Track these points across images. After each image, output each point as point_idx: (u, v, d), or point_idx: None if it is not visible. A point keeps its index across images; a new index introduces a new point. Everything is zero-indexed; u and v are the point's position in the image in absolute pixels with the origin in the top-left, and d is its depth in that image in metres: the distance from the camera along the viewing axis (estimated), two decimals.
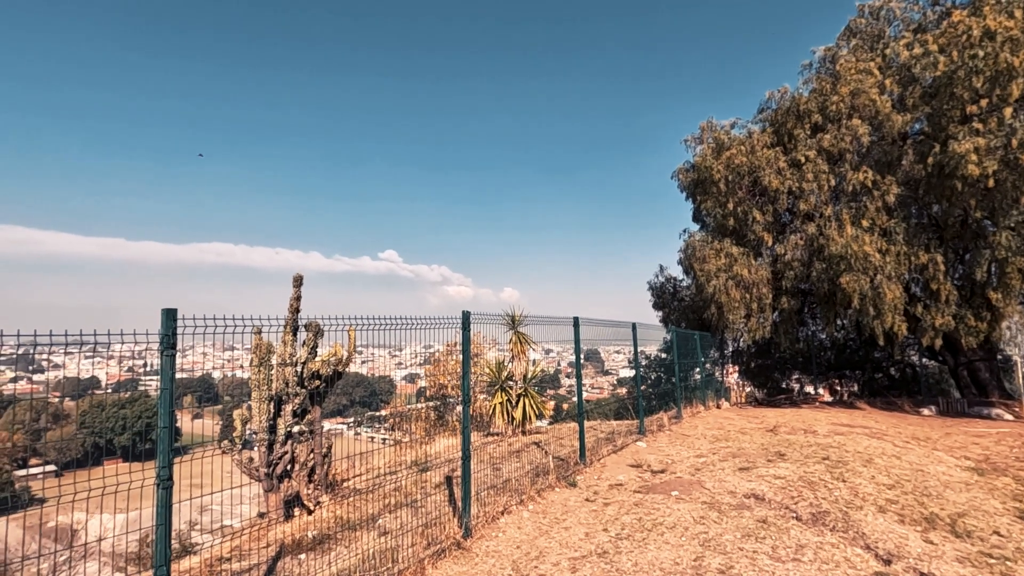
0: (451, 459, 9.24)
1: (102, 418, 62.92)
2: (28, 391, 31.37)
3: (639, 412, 10.55)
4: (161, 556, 3.16)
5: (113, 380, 72.78)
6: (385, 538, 6.01)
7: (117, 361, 15.96)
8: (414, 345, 7.25)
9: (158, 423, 3.25)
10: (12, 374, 37.51)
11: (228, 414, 29.68)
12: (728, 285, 15.43)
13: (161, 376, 3.28)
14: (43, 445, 60.63)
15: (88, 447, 60.51)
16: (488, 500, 6.51)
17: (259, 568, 5.65)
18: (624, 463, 8.51)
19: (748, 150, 15.77)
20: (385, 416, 36.61)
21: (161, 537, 3.17)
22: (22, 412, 62.29)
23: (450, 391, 15.98)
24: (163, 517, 3.18)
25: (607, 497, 6.79)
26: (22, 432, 57.87)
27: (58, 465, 59.61)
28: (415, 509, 6.85)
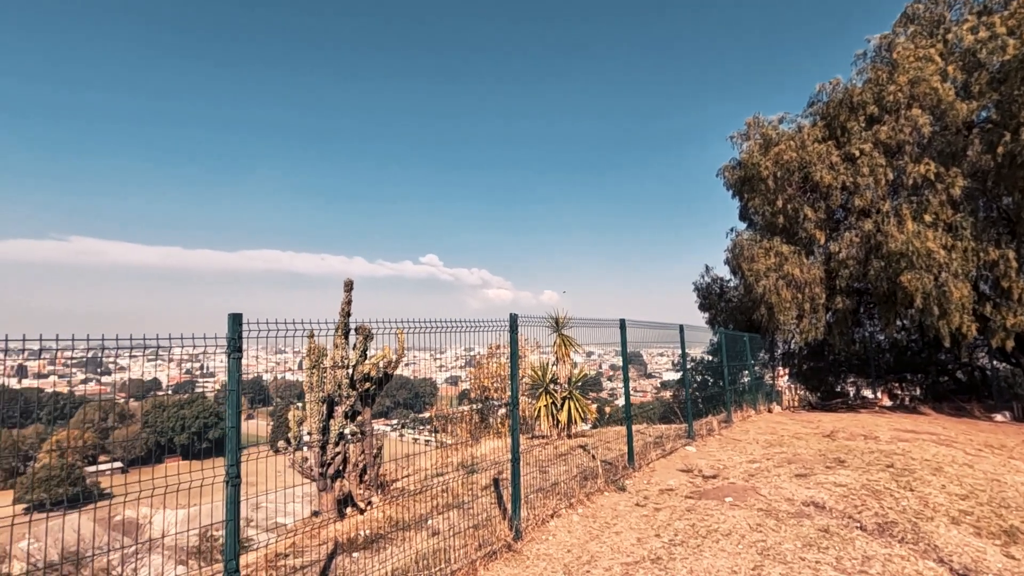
0: (497, 461, 9.27)
1: (163, 418, 66.25)
2: (97, 392, 33.28)
3: (687, 416, 10.32)
4: (231, 550, 3.30)
5: (173, 382, 76.76)
6: (436, 539, 6.08)
7: (176, 364, 16.92)
8: (456, 348, 7.33)
9: (226, 423, 3.40)
10: (83, 376, 40.11)
11: (279, 415, 30.68)
12: (778, 285, 14.91)
13: (228, 378, 3.43)
14: (111, 443, 64.32)
15: (151, 445, 63.82)
16: (537, 503, 6.49)
17: (316, 564, 5.82)
18: (673, 468, 8.34)
19: (798, 145, 15.22)
20: (428, 418, 37.14)
21: (231, 532, 3.30)
22: (92, 412, 66.33)
23: (493, 394, 16.05)
24: (232, 513, 3.31)
25: (658, 502, 6.67)
26: (92, 431, 61.63)
27: (124, 462, 63.08)
28: (464, 510, 6.91)
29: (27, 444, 58.40)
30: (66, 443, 59.09)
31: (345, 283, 7.30)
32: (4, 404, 18.45)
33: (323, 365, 7.12)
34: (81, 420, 63.16)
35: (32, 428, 60.62)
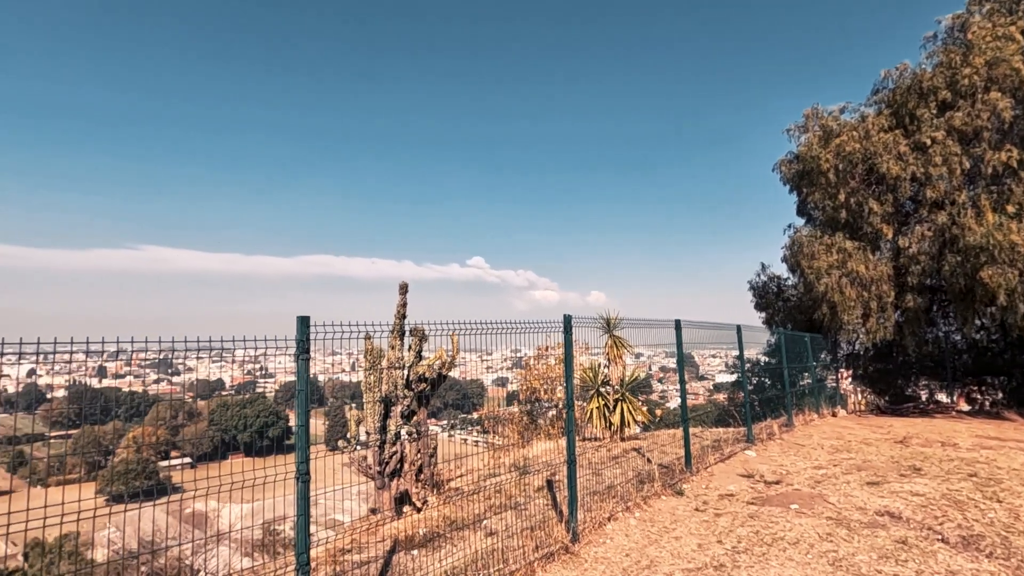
0: (549, 463, 9.24)
1: (227, 416, 69.73)
2: (168, 391, 35.60)
3: (747, 419, 9.98)
4: (302, 544, 3.42)
5: (236, 382, 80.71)
6: (492, 539, 6.12)
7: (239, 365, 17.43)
8: (503, 349, 7.36)
9: (296, 422, 3.53)
10: (155, 376, 42.25)
11: (334, 415, 32.35)
12: (842, 283, 14.20)
13: (297, 379, 3.56)
14: (181, 440, 68.31)
15: (216, 442, 67.31)
16: (593, 506, 6.43)
17: (377, 561, 5.97)
18: (733, 472, 8.08)
19: (862, 135, 14.46)
20: (477, 419, 37.46)
21: (302, 527, 3.43)
22: (164, 410, 70.67)
23: (542, 395, 16.01)
24: (303, 508, 3.44)
25: (718, 507, 6.47)
26: (164, 428, 65.62)
27: (193, 458, 66.93)
28: (519, 511, 6.92)
29: (107, 440, 62.77)
30: (141, 439, 63.15)
31: (400, 286, 7.47)
32: (87, 403, 20.00)
33: (380, 366, 7.31)
34: (154, 418, 67.40)
35: (111, 425, 65.08)
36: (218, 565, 17.12)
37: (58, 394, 74.67)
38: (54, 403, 69.23)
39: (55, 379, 68.97)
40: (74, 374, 16.99)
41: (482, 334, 5.66)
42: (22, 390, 54.98)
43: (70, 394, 59.08)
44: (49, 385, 77.57)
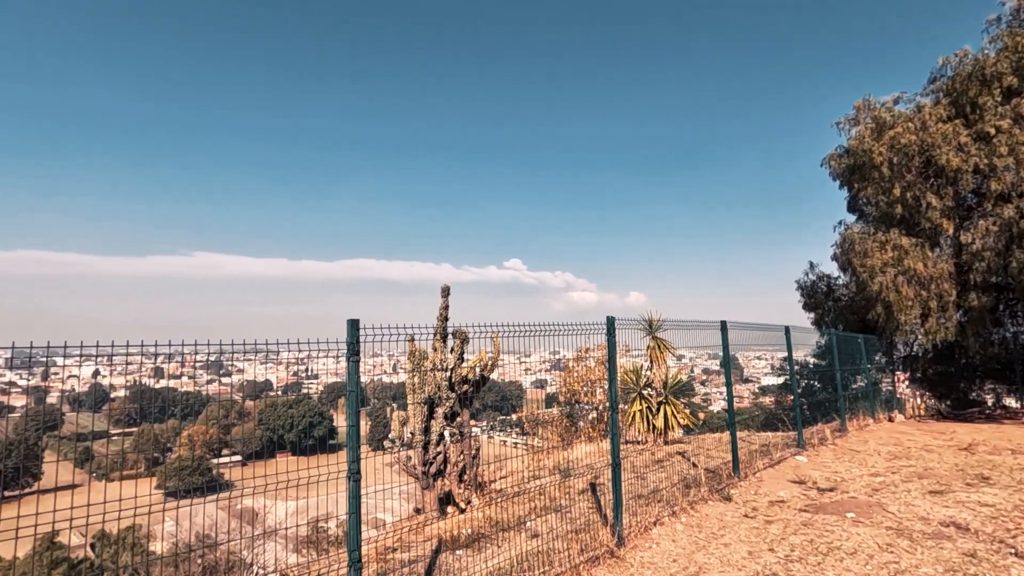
0: (591, 465, 9.17)
1: (275, 416, 72.16)
2: (220, 392, 37.43)
3: (797, 423, 9.64)
4: (354, 541, 3.51)
5: (283, 383, 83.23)
6: (536, 541, 6.12)
7: (285, 367, 18.18)
8: (541, 351, 7.36)
9: (346, 422, 3.62)
10: (208, 377, 43.67)
11: (376, 415, 32.68)
12: (898, 281, 13.56)
13: (348, 380, 3.66)
14: (232, 439, 71.10)
15: (265, 441, 69.72)
16: (637, 510, 6.34)
17: (423, 560, 6.06)
18: (783, 478, 7.82)
19: (917, 127, 13.78)
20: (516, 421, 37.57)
21: (353, 524, 3.52)
22: (216, 410, 73.81)
23: (582, 397, 15.91)
24: (354, 506, 3.52)
25: (768, 514, 6.28)
26: (216, 426, 68.46)
27: (243, 455, 69.58)
28: (562, 514, 6.90)
29: (165, 437, 65.95)
30: (195, 437, 66.07)
31: (442, 289, 7.56)
32: (146, 402, 21.27)
33: (424, 368, 7.41)
34: (207, 417, 70.39)
35: (168, 423, 68.38)
36: (267, 560, 17.73)
37: (120, 394, 78.94)
38: (116, 402, 73.23)
39: (117, 380, 72.76)
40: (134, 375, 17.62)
41: (523, 336, 5.67)
42: (88, 390, 58.91)
43: (131, 394, 62.54)
44: (112, 385, 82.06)
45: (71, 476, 58.26)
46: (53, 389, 79.08)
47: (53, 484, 53.49)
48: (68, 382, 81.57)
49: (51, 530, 15.63)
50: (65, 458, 64.75)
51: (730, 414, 7.81)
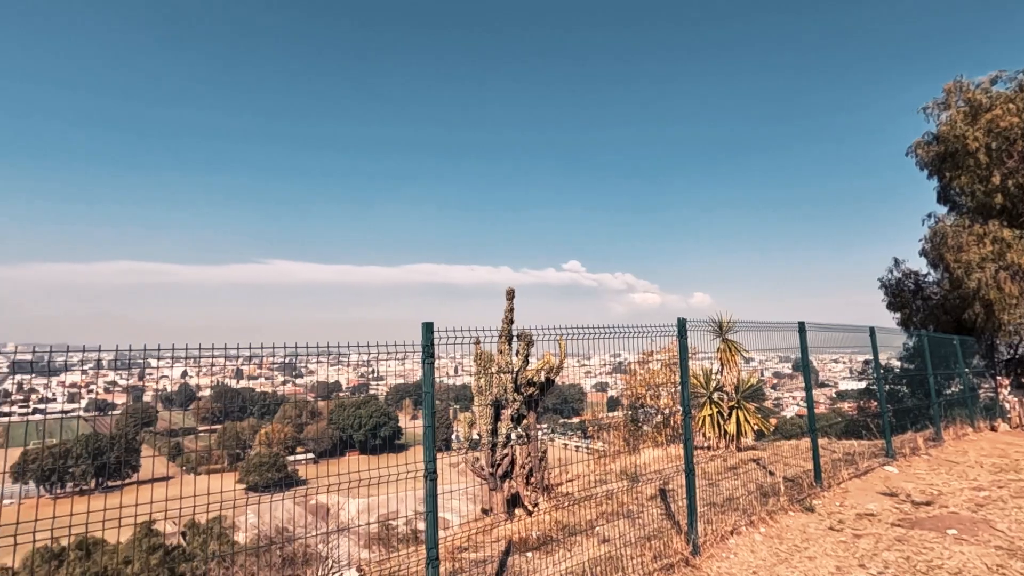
0: (660, 471, 8.95)
1: (344, 416, 75.16)
2: (293, 392, 39.35)
3: (885, 431, 9.01)
4: (431, 539, 3.59)
5: (351, 384, 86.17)
6: (606, 546, 6.03)
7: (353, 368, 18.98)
8: (603, 354, 7.25)
9: (423, 423, 3.71)
10: (282, 378, 47.84)
11: (439, 416, 32.76)
12: (999, 277, 12.41)
13: (423, 381, 3.75)
14: (305, 436, 74.71)
15: (335, 440, 72.75)
16: (712, 518, 6.12)
17: (493, 560, 6.11)
18: (872, 490, 7.32)
19: (1020, 108, 12.57)
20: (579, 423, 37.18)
21: (431, 523, 3.60)
22: (290, 409, 77.82)
23: (648, 401, 15.57)
24: (431, 505, 3.60)
25: (857, 528, 5.89)
26: (291, 425, 72.18)
27: (315, 453, 72.95)
28: (632, 520, 6.77)
29: (245, 435, 70.19)
30: (272, 435, 69.91)
31: (507, 292, 7.62)
32: (228, 401, 22.80)
33: (490, 370, 7.49)
34: (282, 416, 74.29)
35: (248, 421, 72.73)
36: (340, 554, 18.47)
37: (205, 393, 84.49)
38: (202, 401, 78.73)
39: (203, 380, 78.02)
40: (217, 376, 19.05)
41: (586, 338, 5.62)
42: (178, 389, 63.62)
43: (215, 393, 67.05)
44: (198, 385, 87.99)
45: (165, 469, 63.11)
46: (148, 388, 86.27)
47: (149, 476, 58.15)
48: (160, 382, 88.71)
49: (149, 519, 16.85)
50: (159, 452, 70.21)
51: (810, 419, 7.40)
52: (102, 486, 56.96)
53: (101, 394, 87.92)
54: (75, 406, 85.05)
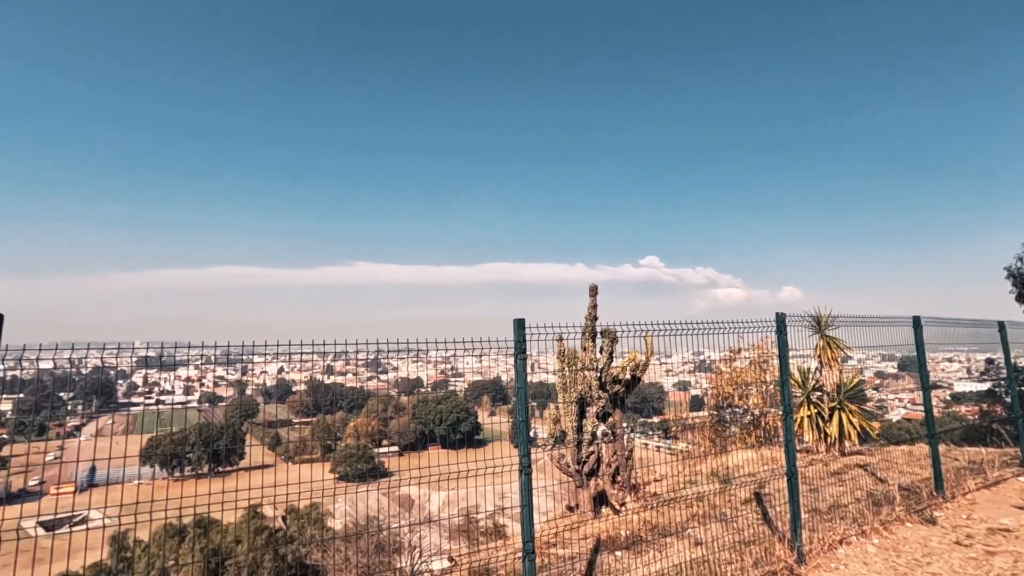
0: (752, 474, 8.52)
1: (426, 411, 77.70)
2: (377, 388, 40.78)
3: (1020, 438, 8.05)
4: (527, 532, 3.63)
5: (432, 380, 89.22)
6: (699, 549, 5.83)
7: (433, 365, 19.23)
8: (684, 351, 6.98)
9: (516, 418, 3.76)
10: (368, 374, 48.76)
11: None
12: None
13: (516, 377, 3.80)
14: (389, 430, 78.05)
15: (417, 434, 75.41)
16: (816, 525, 5.76)
17: (582, 557, 6.09)
18: (1005, 503, 6.57)
19: None
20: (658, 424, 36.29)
21: (526, 516, 3.64)
22: (375, 404, 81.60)
23: (736, 401, 14.89)
24: (526, 499, 3.65)
25: (989, 544, 5.32)
26: (377, 419, 75.68)
27: (399, 446, 76.05)
28: (726, 524, 6.50)
29: (336, 427, 74.45)
30: (360, 428, 73.62)
31: (590, 288, 7.56)
32: (320, 395, 24.26)
33: (575, 367, 7.47)
34: (369, 410, 78.03)
35: (338, 415, 77.07)
36: (426, 545, 19.12)
37: (300, 388, 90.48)
38: (297, 395, 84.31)
39: (297, 376, 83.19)
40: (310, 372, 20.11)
41: (673, 335, 5.46)
42: (275, 384, 68.04)
43: (308, 388, 71.20)
44: (293, 380, 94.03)
45: (266, 458, 68.27)
46: (250, 383, 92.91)
47: (253, 463, 63.18)
48: (261, 377, 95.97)
49: (256, 503, 18.08)
50: (261, 442, 76.01)
51: (928, 423, 6.76)
52: (214, 471, 62.54)
53: (211, 387, 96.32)
54: (190, 398, 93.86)
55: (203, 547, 21.96)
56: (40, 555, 17.70)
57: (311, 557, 22.49)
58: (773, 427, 13.16)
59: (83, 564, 21.43)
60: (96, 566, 21.88)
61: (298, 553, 23.26)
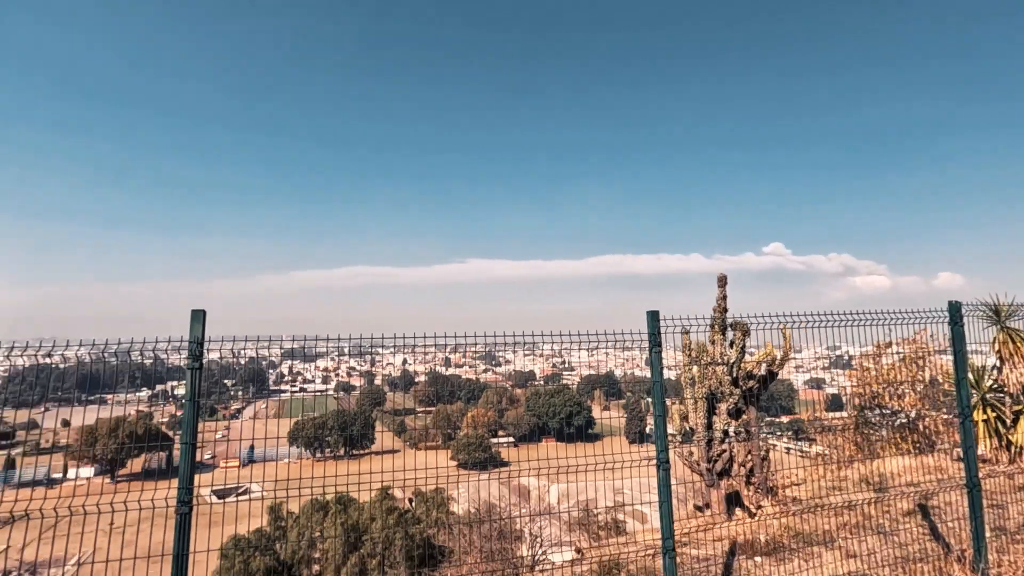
0: (912, 483, 7.58)
1: (539, 404, 79.00)
2: (492, 380, 42.44)
3: None
4: (667, 528, 3.55)
5: (544, 374, 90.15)
6: (853, 562, 5.32)
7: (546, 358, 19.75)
8: (816, 346, 6.31)
9: (653, 412, 3.68)
10: (483, 367, 52.69)
11: (632, 407, 33.64)
12: None
13: (652, 371, 3.71)
14: (504, 421, 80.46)
15: (532, 426, 76.94)
16: (1004, 545, 5.00)
17: (716, 559, 5.82)
18: None
19: None
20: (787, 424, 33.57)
21: (665, 512, 3.55)
22: (491, 395, 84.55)
23: (887, 401, 13.34)
24: (665, 494, 3.56)
25: None
26: (493, 410, 78.36)
27: (515, 437, 78.05)
28: (884, 537, 5.86)
29: (454, 417, 78.27)
30: (477, 418, 76.74)
31: (719, 278, 7.18)
32: (440, 386, 25.61)
33: (703, 361, 7.14)
34: (485, 401, 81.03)
35: (456, 405, 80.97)
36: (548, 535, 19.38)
37: (421, 379, 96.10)
38: (419, 386, 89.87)
39: (419, 367, 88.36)
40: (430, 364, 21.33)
41: (812, 327, 5.02)
42: (400, 375, 73.08)
43: (428, 379, 75.65)
44: (415, 371, 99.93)
45: (393, 443, 73.57)
46: (377, 374, 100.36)
47: (382, 448, 68.46)
48: (387, 368, 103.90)
49: (387, 485, 19.50)
50: (388, 429, 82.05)
51: None
52: (349, 454, 68.60)
53: (345, 377, 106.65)
54: (327, 386, 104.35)
55: (343, 522, 24.21)
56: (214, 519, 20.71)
57: (437, 538, 23.87)
58: (934, 431, 11.62)
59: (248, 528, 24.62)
60: (258, 531, 25.02)
61: (425, 533, 24.81)
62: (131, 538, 7.82)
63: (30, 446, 50.88)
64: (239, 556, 22.55)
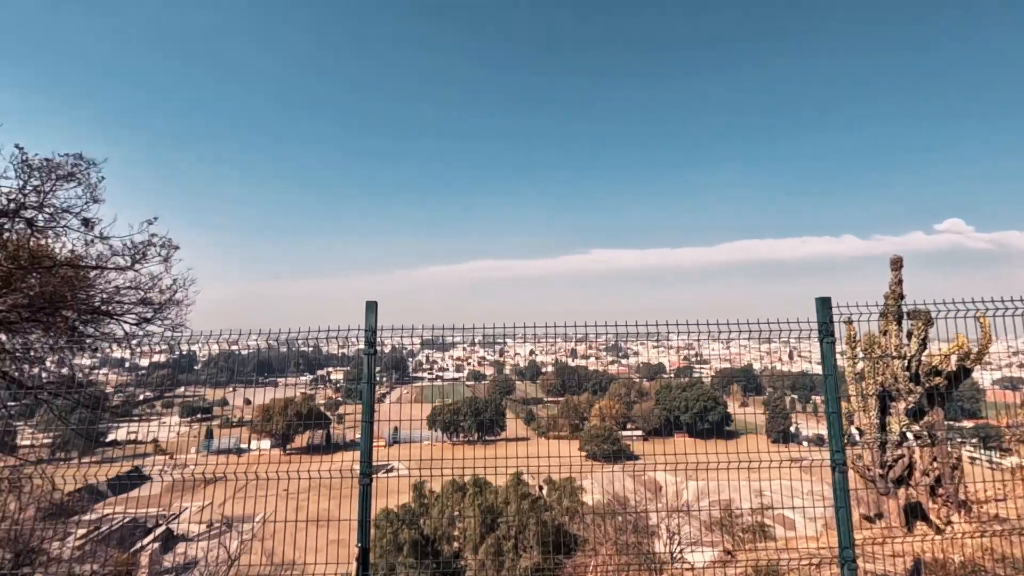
0: None
1: (670, 397, 75.95)
2: (619, 372, 42.08)
3: None
4: (846, 537, 3.23)
5: (674, 367, 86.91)
6: None
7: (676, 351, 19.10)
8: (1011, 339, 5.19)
9: (826, 409, 3.36)
10: (610, 358, 52.40)
11: (773, 405, 31.28)
12: None
13: (823, 363, 3.39)
14: (633, 414, 78.67)
15: (662, 420, 74.28)
16: None
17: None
18: None
19: None
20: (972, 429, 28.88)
21: (843, 519, 3.24)
22: (618, 387, 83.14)
23: None
24: (843, 499, 3.24)
25: None
26: (621, 402, 77.02)
27: (644, 431, 76.06)
28: None
29: (582, 408, 78.30)
30: (605, 410, 75.96)
31: (892, 260, 6.33)
32: (567, 377, 25.86)
33: (874, 354, 6.37)
34: (612, 393, 79.93)
35: (584, 396, 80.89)
36: (689, 533, 18.63)
37: (548, 369, 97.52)
38: (546, 376, 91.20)
39: (546, 358, 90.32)
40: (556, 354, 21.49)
41: (1018, 316, 4.21)
42: (527, 365, 75.42)
43: (555, 369, 77.12)
44: (542, 362, 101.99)
45: (522, 431, 75.62)
46: (506, 363, 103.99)
47: (513, 435, 70.70)
48: (515, 358, 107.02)
49: (520, 471, 20.11)
50: (518, 417, 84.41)
51: None
52: (482, 439, 71.83)
53: (476, 366, 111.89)
54: (460, 375, 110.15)
55: (480, 503, 25.44)
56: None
57: (570, 527, 24.10)
58: None
59: (397, 503, 26.88)
60: (404, 506, 27.21)
61: (557, 521, 25.18)
62: (302, 503, 8.93)
63: (223, 420, 60.82)
64: (389, 528, 24.71)
